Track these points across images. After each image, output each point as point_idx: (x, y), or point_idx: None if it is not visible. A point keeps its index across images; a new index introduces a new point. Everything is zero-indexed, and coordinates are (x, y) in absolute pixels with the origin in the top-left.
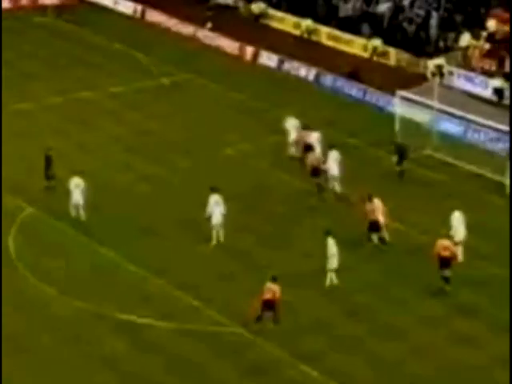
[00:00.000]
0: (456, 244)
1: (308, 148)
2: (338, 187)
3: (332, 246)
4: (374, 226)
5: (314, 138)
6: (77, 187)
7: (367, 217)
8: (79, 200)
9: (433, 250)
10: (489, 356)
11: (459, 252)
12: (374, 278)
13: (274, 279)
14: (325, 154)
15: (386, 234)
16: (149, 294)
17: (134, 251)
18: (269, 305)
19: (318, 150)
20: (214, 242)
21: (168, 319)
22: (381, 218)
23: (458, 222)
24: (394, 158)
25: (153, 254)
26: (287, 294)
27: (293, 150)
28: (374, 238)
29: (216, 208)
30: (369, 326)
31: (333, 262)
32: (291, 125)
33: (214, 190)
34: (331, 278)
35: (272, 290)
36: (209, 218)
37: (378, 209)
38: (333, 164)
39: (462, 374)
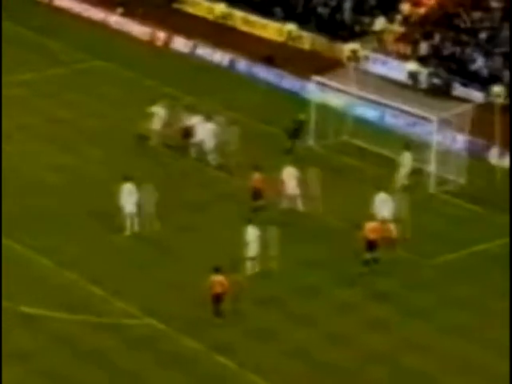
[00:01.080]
0: (384, 222)
1: (187, 133)
2: (214, 159)
3: (251, 233)
4: (257, 195)
5: (195, 121)
6: None
7: (253, 186)
8: None
9: (361, 233)
10: (399, 340)
11: (393, 229)
12: (287, 265)
13: (217, 270)
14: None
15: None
16: (60, 287)
17: (45, 243)
18: (219, 299)
19: (199, 134)
20: (127, 232)
21: (80, 312)
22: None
23: (381, 202)
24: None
25: (64, 245)
26: (201, 283)
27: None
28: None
29: (129, 197)
30: (281, 314)
31: (251, 250)
32: (158, 111)
33: (127, 178)
34: (252, 265)
35: (218, 282)
36: (122, 208)
37: (265, 180)
38: (209, 136)
39: (374, 359)
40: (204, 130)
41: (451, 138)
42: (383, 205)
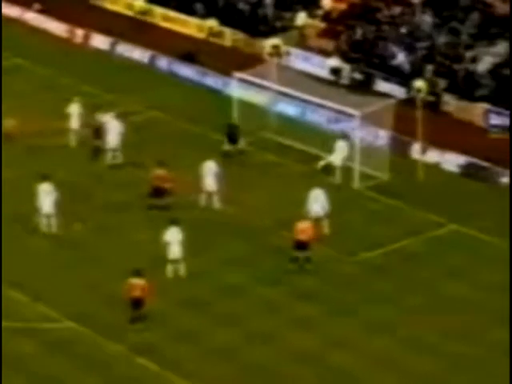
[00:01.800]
0: (318, 220)
1: (98, 132)
2: (118, 157)
3: (172, 235)
4: (159, 192)
5: (107, 119)
6: None
7: (153, 183)
8: None
9: (291, 234)
10: (324, 338)
11: (325, 226)
12: (210, 266)
13: (138, 273)
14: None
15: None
16: None
17: None
18: (138, 303)
19: (112, 133)
20: (44, 233)
21: None
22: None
23: (314, 199)
24: (225, 138)
25: None
26: (121, 285)
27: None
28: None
29: (46, 197)
30: (204, 315)
31: (173, 252)
32: (75, 110)
33: (44, 178)
34: (175, 268)
35: (138, 286)
36: (39, 208)
37: (165, 176)
38: (113, 136)
39: (302, 358)
40: (112, 128)
41: (374, 134)
42: (316, 201)
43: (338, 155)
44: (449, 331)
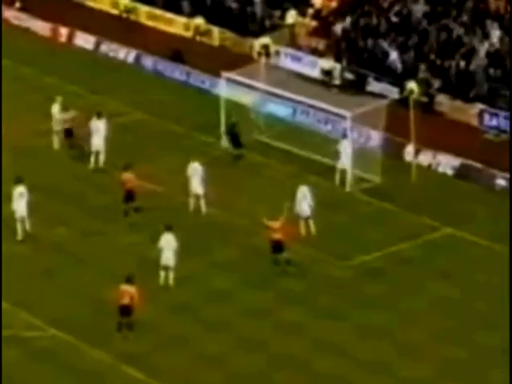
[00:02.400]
0: (306, 219)
1: (69, 132)
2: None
3: (168, 241)
4: (130, 196)
5: (92, 121)
6: None
7: (124, 186)
8: None
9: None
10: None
11: (311, 226)
12: (195, 271)
13: (129, 280)
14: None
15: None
16: None
17: None
18: (126, 311)
19: (96, 135)
20: (19, 237)
21: None
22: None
23: (302, 196)
24: (227, 139)
25: None
26: (107, 291)
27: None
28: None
29: (21, 200)
30: (193, 321)
31: (165, 258)
32: (57, 111)
33: (18, 180)
34: (166, 276)
35: (129, 293)
36: (14, 212)
37: (133, 179)
38: (97, 138)
39: (288, 363)
40: (96, 130)
41: (366, 135)
42: (304, 199)
43: (347, 156)
44: (443, 335)
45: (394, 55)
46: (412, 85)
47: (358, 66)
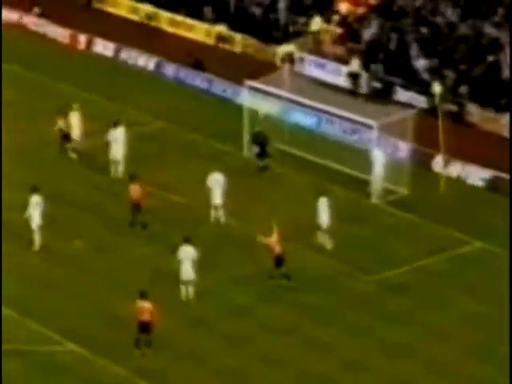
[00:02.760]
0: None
1: (66, 136)
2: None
3: (186, 253)
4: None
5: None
6: None
7: (131, 199)
8: None
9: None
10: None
11: (327, 240)
12: (212, 285)
13: (143, 295)
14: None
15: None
16: None
17: None
18: (146, 328)
19: (116, 144)
20: (36, 247)
21: None
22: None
23: (322, 207)
24: (254, 150)
25: None
26: (123, 305)
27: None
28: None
29: (36, 210)
30: (212, 335)
31: (185, 272)
32: (75, 119)
33: (34, 189)
34: (186, 289)
35: (147, 309)
36: (29, 221)
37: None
38: (117, 147)
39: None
40: (115, 139)
41: (393, 146)
42: (324, 210)
43: (378, 167)
44: (471, 351)
45: (421, 63)
46: (437, 88)
47: (386, 74)
